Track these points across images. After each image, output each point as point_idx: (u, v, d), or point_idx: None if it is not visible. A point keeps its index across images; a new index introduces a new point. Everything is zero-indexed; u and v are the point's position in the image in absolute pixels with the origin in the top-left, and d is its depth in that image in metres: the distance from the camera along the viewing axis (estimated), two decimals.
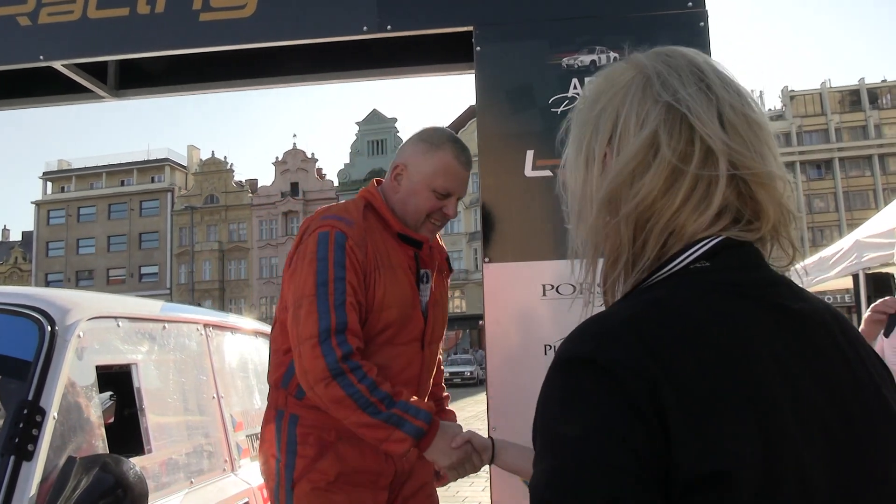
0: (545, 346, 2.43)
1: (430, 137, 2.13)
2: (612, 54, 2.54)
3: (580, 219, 0.95)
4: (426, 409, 1.80)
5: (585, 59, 2.55)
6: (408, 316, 1.97)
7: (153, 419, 2.06)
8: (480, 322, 2.37)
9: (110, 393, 3.00)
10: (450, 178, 2.07)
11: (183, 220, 55.15)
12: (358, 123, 55.52)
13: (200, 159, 59.40)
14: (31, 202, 60.03)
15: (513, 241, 2.51)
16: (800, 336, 0.79)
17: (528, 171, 2.57)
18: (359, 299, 1.84)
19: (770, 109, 59.24)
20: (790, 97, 56.68)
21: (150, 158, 59.32)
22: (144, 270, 57.13)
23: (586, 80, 2.55)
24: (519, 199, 2.55)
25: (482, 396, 2.46)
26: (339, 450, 1.88)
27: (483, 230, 2.58)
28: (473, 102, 2.79)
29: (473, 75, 2.71)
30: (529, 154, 2.57)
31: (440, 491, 2.33)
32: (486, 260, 2.53)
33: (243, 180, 58.71)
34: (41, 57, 3.15)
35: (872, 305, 3.69)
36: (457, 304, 50.06)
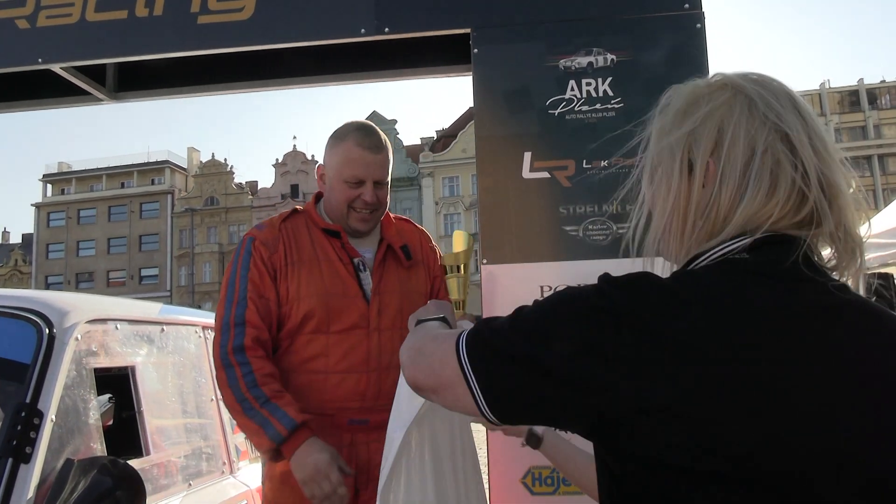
0: None
1: (337, 132, 2.25)
2: (610, 56, 2.55)
3: (671, 221, 1.10)
4: (294, 418, 1.82)
5: (583, 60, 2.56)
6: (335, 305, 2.02)
7: (152, 421, 2.06)
8: None
9: (109, 395, 3.00)
10: (355, 166, 2.14)
11: (183, 222, 55.16)
12: None
13: (200, 161, 59.40)
14: (32, 204, 60.06)
15: (510, 243, 2.51)
16: (815, 326, 0.88)
17: (526, 173, 2.57)
18: (260, 293, 1.98)
19: None
20: None
21: (150, 160, 59.35)
22: (145, 273, 57.13)
23: (583, 81, 2.55)
24: (517, 201, 2.55)
25: None
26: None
27: (480, 231, 2.58)
28: (470, 105, 2.80)
29: (471, 77, 2.72)
30: (527, 156, 2.57)
31: None
32: (484, 261, 2.54)
33: (243, 182, 58.76)
34: (40, 60, 3.15)
35: None
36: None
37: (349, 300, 2.05)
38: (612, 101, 2.54)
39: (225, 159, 58.45)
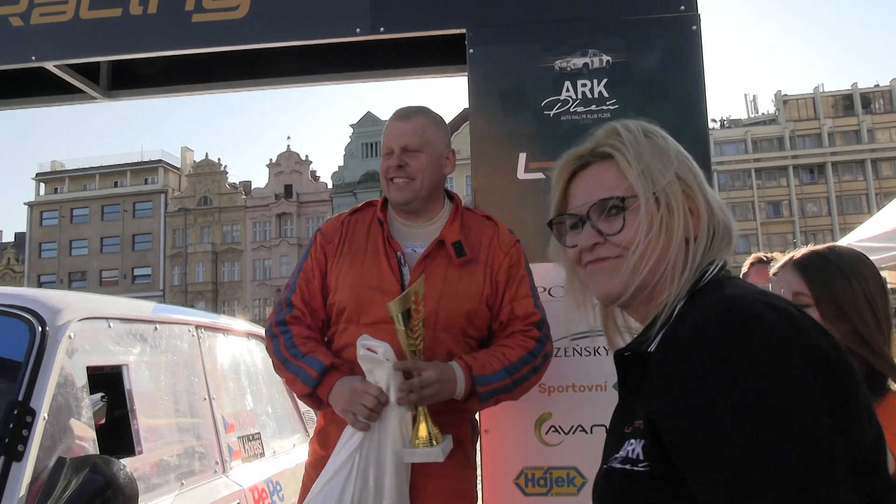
0: None
1: None
2: (605, 57, 2.55)
3: (655, 246, 1.05)
4: (323, 361, 1.92)
5: (578, 61, 2.56)
6: (366, 297, 2.00)
7: (144, 420, 2.05)
8: None
9: (101, 394, 2.99)
10: (385, 136, 2.14)
11: (176, 222, 54.99)
12: (352, 126, 55.53)
13: (194, 161, 59.24)
14: (24, 203, 59.81)
15: None
16: None
17: (521, 174, 2.57)
18: (308, 280, 2.10)
19: (763, 114, 59.52)
20: (783, 101, 56.92)
21: (144, 160, 59.17)
22: (137, 272, 56.93)
23: (579, 82, 2.56)
24: (511, 202, 2.55)
25: None
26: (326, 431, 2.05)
27: None
28: (467, 105, 2.80)
29: (466, 78, 2.72)
30: (522, 156, 2.57)
31: None
32: None
33: (237, 182, 58.63)
34: (33, 57, 3.14)
35: None
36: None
37: (382, 294, 1.96)
38: (608, 103, 2.54)
39: (219, 159, 58.29)
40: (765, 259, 3.38)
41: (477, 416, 2.16)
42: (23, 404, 1.55)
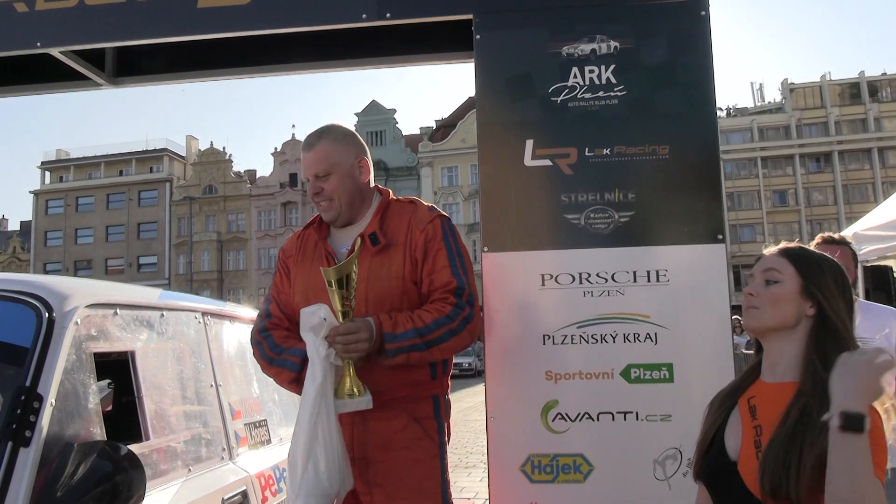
0: (543, 335, 2.43)
1: None
2: (613, 43, 2.53)
3: None
4: (303, 349, 2.06)
5: (586, 47, 2.54)
6: (313, 298, 2.15)
7: (151, 407, 2.06)
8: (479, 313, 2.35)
9: (109, 381, 3.00)
10: (302, 167, 2.34)
11: (181, 211, 55.06)
12: (357, 114, 55.38)
13: (199, 149, 59.20)
14: (30, 192, 59.92)
15: (511, 231, 2.50)
16: None
17: (528, 161, 2.56)
18: (279, 290, 2.34)
19: (770, 102, 59.17)
20: (790, 90, 56.58)
21: (149, 148, 59.17)
22: (143, 260, 57.06)
23: (586, 68, 2.54)
24: (518, 189, 2.54)
25: (480, 388, 2.49)
26: None
27: (482, 219, 2.57)
28: (469, 95, 2.79)
29: (473, 64, 2.71)
30: (529, 143, 2.56)
31: None
32: (485, 249, 2.53)
33: (242, 171, 58.56)
34: (38, 44, 3.13)
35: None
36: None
37: (323, 293, 2.11)
38: (616, 89, 2.52)
39: (224, 148, 58.26)
40: (836, 239, 3.38)
41: (446, 395, 2.29)
42: (30, 390, 1.56)
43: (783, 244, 1.66)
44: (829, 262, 1.59)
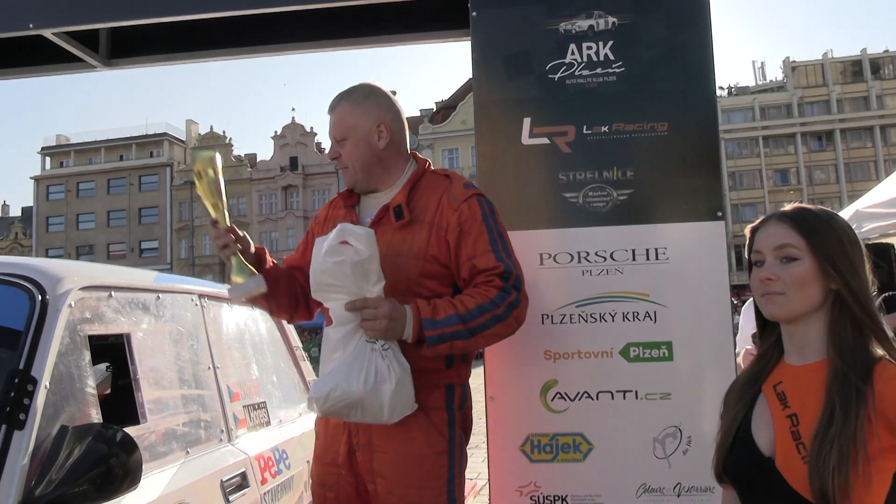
0: (542, 315, 2.42)
1: None
2: (611, 19, 2.49)
3: None
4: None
5: (583, 24, 2.50)
6: None
7: (148, 389, 2.05)
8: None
9: (107, 364, 3.00)
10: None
11: (182, 195, 55.02)
12: None
13: (199, 133, 59.01)
14: (31, 177, 59.88)
15: (509, 210, 2.47)
16: None
17: (525, 139, 2.53)
18: (299, 248, 2.29)
19: (771, 80, 58.83)
20: (792, 68, 56.23)
21: (149, 133, 59.02)
22: (145, 245, 57.11)
23: (584, 45, 2.50)
24: (515, 168, 2.52)
25: (481, 370, 2.46)
26: None
27: None
28: (469, 75, 2.75)
29: (469, 42, 2.67)
30: (526, 121, 2.53)
31: None
32: None
33: (242, 155, 58.42)
34: (31, 25, 3.09)
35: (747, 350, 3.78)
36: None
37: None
38: (614, 66, 2.49)
39: (224, 132, 58.14)
40: None
41: (463, 384, 2.13)
42: (23, 373, 1.55)
43: (780, 211, 1.48)
44: (834, 220, 1.44)
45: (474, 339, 1.94)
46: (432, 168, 2.22)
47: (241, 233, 2.08)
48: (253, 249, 2.12)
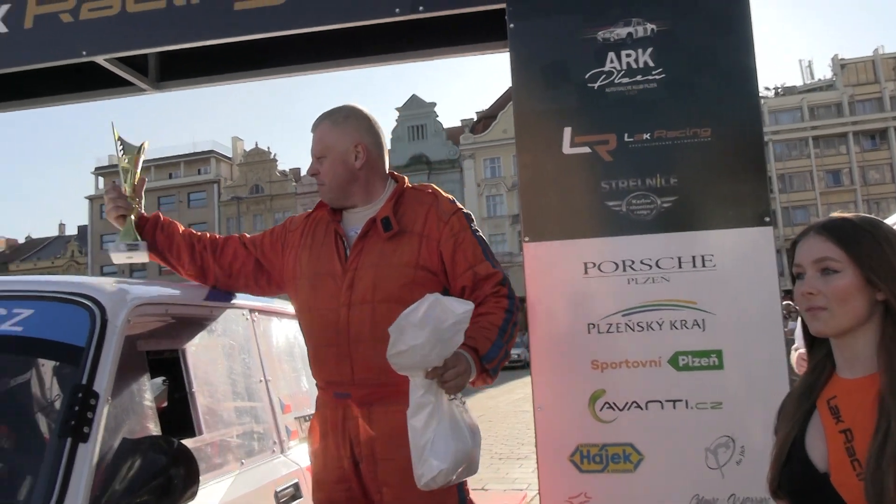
0: (588, 324, 2.41)
1: None
2: (650, 26, 2.49)
3: None
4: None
5: (622, 31, 2.50)
6: (319, 283, 2.20)
7: (203, 402, 2.11)
8: (525, 304, 2.35)
9: (163, 378, 3.08)
10: None
11: (230, 211, 56.06)
12: (398, 109, 55.66)
13: (244, 150, 60.16)
14: (85, 197, 61.71)
15: (552, 220, 2.48)
16: None
17: (566, 149, 2.54)
18: (254, 242, 2.41)
19: (820, 79, 57.47)
20: (841, 66, 54.84)
21: (196, 151, 60.37)
22: None
23: (623, 53, 2.50)
24: (557, 177, 2.52)
25: (528, 379, 2.47)
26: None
27: (521, 209, 2.56)
28: (509, 85, 2.77)
29: (508, 54, 2.69)
30: (567, 131, 2.54)
31: (489, 472, 2.35)
32: (526, 239, 2.52)
33: (287, 169, 59.33)
34: (84, 52, 3.21)
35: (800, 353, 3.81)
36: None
37: (330, 276, 2.17)
38: (654, 73, 2.48)
39: (268, 147, 59.24)
40: None
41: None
42: (86, 387, 1.61)
43: (819, 222, 1.44)
44: (878, 228, 1.39)
45: (508, 353, 2.13)
46: (409, 185, 2.37)
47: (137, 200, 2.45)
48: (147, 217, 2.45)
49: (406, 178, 2.40)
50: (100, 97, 3.82)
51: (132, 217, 2.40)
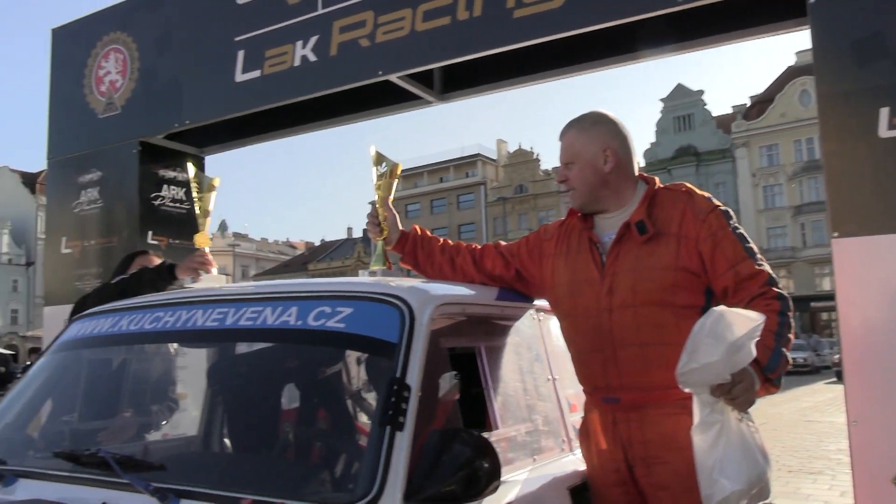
0: None
1: None
2: None
3: None
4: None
5: None
6: (578, 289, 2.24)
7: (497, 399, 2.20)
8: (812, 304, 2.14)
9: (455, 373, 3.27)
10: None
11: (496, 211, 58.19)
12: (662, 100, 53.61)
13: (508, 152, 62.09)
14: (368, 203, 67.90)
15: (868, 212, 2.22)
16: None
17: (883, 132, 2.26)
18: (511, 251, 2.53)
19: None
20: None
21: (464, 155, 63.53)
22: None
23: None
24: (873, 165, 2.25)
25: (818, 385, 2.23)
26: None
27: (829, 202, 2.33)
28: (787, 65, 2.53)
29: (806, 31, 2.46)
30: (884, 112, 2.26)
31: (778, 485, 2.20)
32: (835, 235, 2.28)
33: (550, 169, 60.09)
34: (380, 72, 3.53)
35: None
36: (783, 285, 45.92)
37: (588, 283, 2.20)
38: None
39: (531, 148, 60.57)
40: None
41: None
42: (400, 381, 1.75)
43: None
44: None
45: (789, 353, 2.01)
46: (661, 185, 2.31)
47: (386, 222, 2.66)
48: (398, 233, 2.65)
49: (657, 178, 2.34)
50: (391, 112, 4.18)
51: (381, 244, 2.64)
